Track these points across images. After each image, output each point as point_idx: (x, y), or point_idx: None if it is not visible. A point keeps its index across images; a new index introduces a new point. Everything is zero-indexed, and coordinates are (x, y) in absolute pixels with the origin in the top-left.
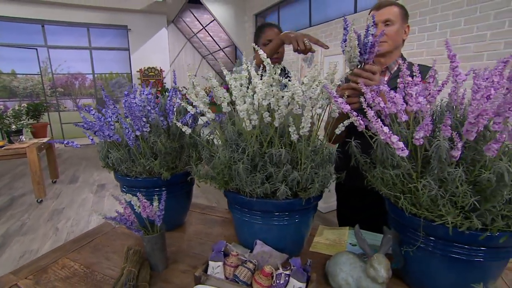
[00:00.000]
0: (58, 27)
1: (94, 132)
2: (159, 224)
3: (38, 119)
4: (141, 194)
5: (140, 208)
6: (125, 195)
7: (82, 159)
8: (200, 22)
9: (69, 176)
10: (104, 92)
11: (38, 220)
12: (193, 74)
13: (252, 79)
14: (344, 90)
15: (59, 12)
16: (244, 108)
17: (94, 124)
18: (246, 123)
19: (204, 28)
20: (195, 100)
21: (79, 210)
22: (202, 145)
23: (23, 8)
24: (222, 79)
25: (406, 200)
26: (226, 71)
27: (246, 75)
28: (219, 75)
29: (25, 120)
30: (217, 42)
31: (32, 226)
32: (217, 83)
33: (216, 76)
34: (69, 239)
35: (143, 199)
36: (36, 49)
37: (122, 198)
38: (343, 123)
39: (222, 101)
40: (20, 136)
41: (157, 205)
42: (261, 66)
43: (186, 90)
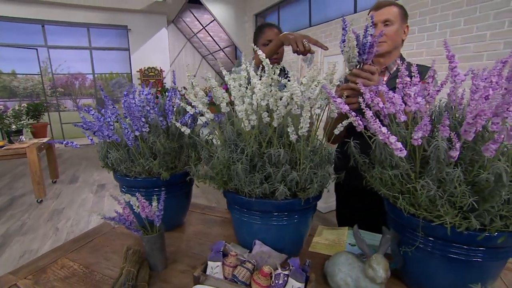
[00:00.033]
0: (58, 27)
1: (94, 132)
2: (158, 224)
3: (38, 119)
4: (140, 194)
5: (139, 208)
6: (124, 195)
7: (82, 159)
8: (200, 22)
9: (69, 176)
10: (103, 92)
11: (38, 220)
12: (192, 74)
13: (251, 80)
14: (343, 90)
15: (59, 12)
16: (242, 109)
17: (94, 124)
18: (245, 123)
19: (204, 28)
20: (194, 101)
21: (79, 210)
22: (201, 145)
23: (23, 8)
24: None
25: (404, 201)
26: (225, 71)
27: (245, 75)
28: (219, 75)
29: (25, 120)
30: (217, 42)
31: (32, 226)
32: (216, 83)
33: (216, 76)
34: (69, 239)
35: (142, 199)
36: (36, 49)
37: (121, 198)
38: (342, 123)
39: (221, 101)
40: (20, 136)
41: (156, 205)
42: (260, 66)
43: (185, 90)
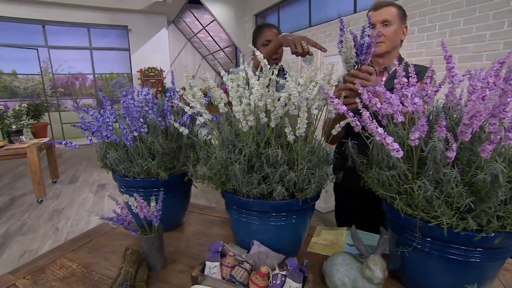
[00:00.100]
0: (59, 27)
1: (92, 132)
2: (156, 224)
3: (38, 119)
4: (139, 194)
5: (137, 208)
6: (122, 195)
7: (82, 159)
8: (200, 22)
9: (69, 176)
10: (101, 92)
11: (38, 220)
12: (191, 75)
13: (249, 80)
14: (341, 90)
15: (60, 12)
16: (240, 109)
17: (92, 125)
18: (242, 123)
19: (204, 28)
20: (192, 101)
21: (79, 210)
22: (200, 145)
23: (24, 8)
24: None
25: (402, 201)
26: (224, 72)
27: (243, 76)
28: (219, 75)
29: (25, 120)
30: (217, 42)
31: (32, 226)
32: (214, 83)
33: (216, 76)
34: (69, 239)
35: (140, 199)
36: (37, 49)
37: (119, 198)
38: (340, 124)
39: (219, 101)
40: (21, 136)
41: (154, 205)
42: (259, 67)
43: (183, 91)
